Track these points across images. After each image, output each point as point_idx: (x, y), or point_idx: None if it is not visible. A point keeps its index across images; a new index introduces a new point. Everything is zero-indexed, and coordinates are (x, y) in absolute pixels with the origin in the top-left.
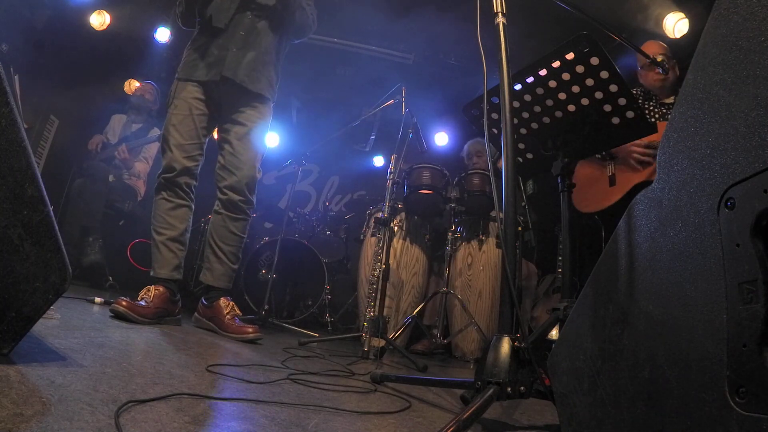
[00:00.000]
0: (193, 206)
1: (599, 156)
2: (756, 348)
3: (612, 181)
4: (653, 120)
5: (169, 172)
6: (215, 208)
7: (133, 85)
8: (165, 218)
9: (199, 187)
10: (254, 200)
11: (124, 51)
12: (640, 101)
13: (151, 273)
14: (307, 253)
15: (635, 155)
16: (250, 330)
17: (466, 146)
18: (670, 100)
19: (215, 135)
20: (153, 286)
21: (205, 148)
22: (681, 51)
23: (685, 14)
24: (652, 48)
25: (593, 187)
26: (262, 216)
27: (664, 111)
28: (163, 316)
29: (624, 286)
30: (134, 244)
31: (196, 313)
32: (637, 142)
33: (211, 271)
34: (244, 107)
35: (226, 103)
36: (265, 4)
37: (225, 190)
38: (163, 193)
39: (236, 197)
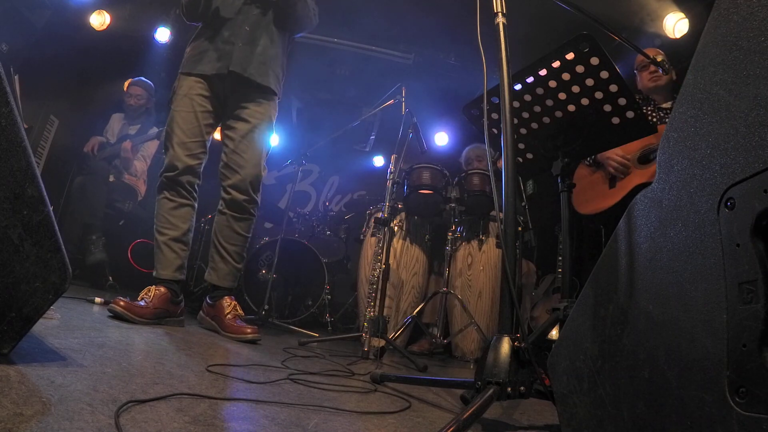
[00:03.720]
0: (196, 205)
1: (587, 162)
2: (756, 348)
3: (612, 182)
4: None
5: (171, 171)
6: (219, 207)
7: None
8: (167, 218)
9: (200, 187)
10: (259, 199)
11: (124, 51)
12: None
13: (154, 274)
14: (307, 253)
15: (611, 167)
16: (249, 330)
17: (465, 151)
18: (668, 105)
19: (217, 135)
20: (154, 286)
21: (208, 146)
22: (681, 51)
23: (685, 14)
24: (651, 53)
25: (593, 188)
26: (262, 216)
27: (662, 115)
28: (163, 316)
29: (624, 286)
30: (135, 245)
31: (201, 312)
32: (616, 157)
33: (216, 271)
34: (248, 103)
35: (231, 98)
36: None
37: (229, 189)
38: (165, 192)
39: (240, 197)
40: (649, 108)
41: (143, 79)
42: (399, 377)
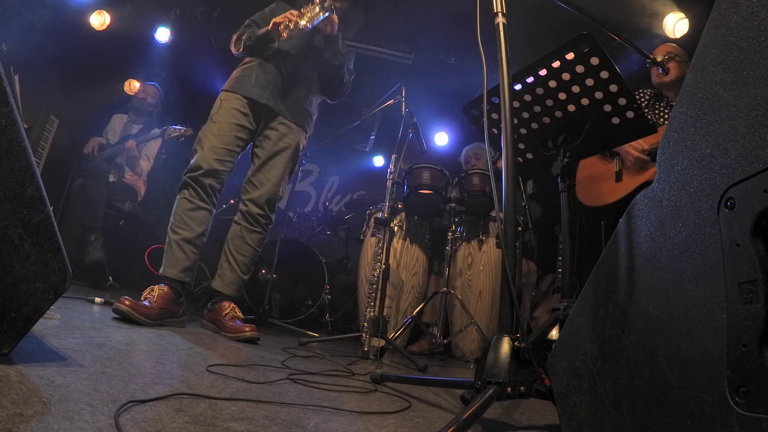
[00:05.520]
0: (213, 211)
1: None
2: (756, 348)
3: (618, 177)
4: (662, 121)
5: (195, 171)
6: (235, 218)
7: (133, 85)
8: (183, 218)
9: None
10: (273, 217)
11: (124, 51)
12: (650, 102)
13: (160, 271)
14: (307, 253)
15: (630, 159)
16: (247, 329)
17: (464, 151)
18: None
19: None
20: (157, 286)
21: (236, 159)
22: (680, 48)
23: (685, 14)
24: (664, 49)
25: (599, 181)
26: None
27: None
28: (166, 317)
29: (624, 286)
30: (152, 250)
31: (203, 319)
32: (636, 146)
33: (222, 278)
34: (281, 126)
35: (266, 121)
36: (321, 63)
37: (246, 202)
38: (185, 192)
39: (255, 210)
40: (660, 104)
41: (157, 84)
42: (399, 377)
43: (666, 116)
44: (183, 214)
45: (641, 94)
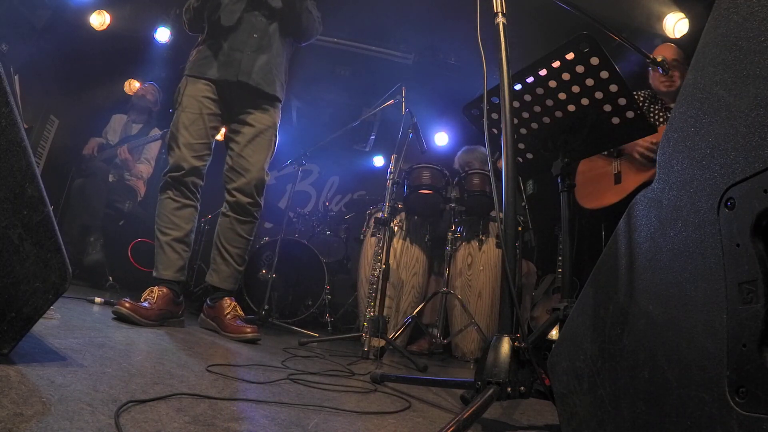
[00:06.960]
0: (198, 206)
1: (606, 153)
2: (756, 348)
3: (617, 178)
4: (657, 124)
5: (177, 171)
6: (222, 210)
7: (133, 85)
8: (170, 218)
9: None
10: (262, 202)
11: (124, 51)
12: (645, 104)
13: (154, 273)
14: (307, 253)
15: (639, 149)
16: (249, 330)
17: (458, 156)
18: None
19: (220, 136)
20: (156, 287)
21: (212, 148)
22: (681, 51)
23: (685, 14)
24: (663, 51)
25: (598, 183)
26: (262, 216)
27: (669, 116)
28: (167, 317)
29: (624, 286)
30: (135, 244)
31: (201, 314)
32: (643, 143)
33: (217, 273)
34: (254, 109)
35: (237, 103)
36: (273, 7)
37: (233, 192)
38: (169, 192)
39: (245, 199)
40: (656, 107)
41: (156, 85)
42: (399, 377)
43: (660, 119)
44: (170, 214)
45: (636, 96)
